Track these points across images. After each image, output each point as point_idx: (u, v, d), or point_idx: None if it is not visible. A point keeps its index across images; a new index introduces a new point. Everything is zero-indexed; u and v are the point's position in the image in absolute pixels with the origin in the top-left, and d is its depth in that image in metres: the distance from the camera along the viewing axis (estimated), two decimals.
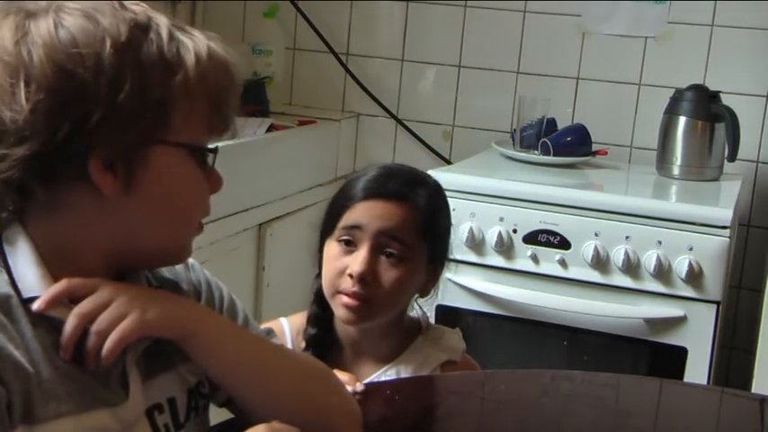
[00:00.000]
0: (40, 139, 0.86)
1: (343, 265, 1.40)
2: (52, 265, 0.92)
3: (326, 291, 1.42)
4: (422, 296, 1.49)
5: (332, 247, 1.42)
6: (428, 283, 1.47)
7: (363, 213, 1.40)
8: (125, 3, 0.93)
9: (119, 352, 0.91)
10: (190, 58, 0.91)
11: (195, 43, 0.93)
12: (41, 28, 0.88)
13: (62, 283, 0.90)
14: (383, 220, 1.39)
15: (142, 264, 0.99)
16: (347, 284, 1.38)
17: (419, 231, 1.41)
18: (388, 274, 1.39)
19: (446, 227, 1.49)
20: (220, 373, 1.00)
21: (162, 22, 0.93)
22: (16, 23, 0.89)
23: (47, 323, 0.89)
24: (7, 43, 0.88)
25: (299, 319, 1.49)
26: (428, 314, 1.56)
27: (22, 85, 0.86)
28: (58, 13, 0.89)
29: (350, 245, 1.40)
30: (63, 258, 0.92)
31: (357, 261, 1.38)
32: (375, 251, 1.39)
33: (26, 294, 0.89)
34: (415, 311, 1.52)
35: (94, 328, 0.90)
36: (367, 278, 1.38)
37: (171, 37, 0.92)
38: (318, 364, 1.11)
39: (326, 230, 1.45)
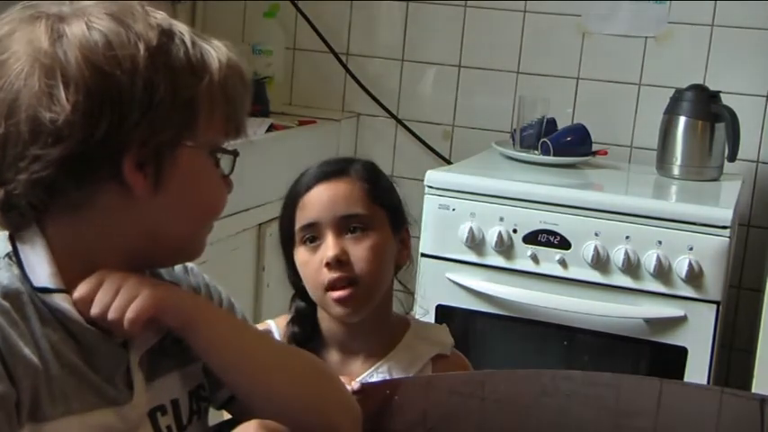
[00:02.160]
0: (77, 140, 0.88)
1: (316, 262, 1.39)
2: (66, 265, 0.92)
3: (314, 295, 1.41)
4: (399, 266, 1.48)
5: (300, 253, 1.42)
6: (402, 253, 1.47)
7: (313, 207, 1.41)
8: (149, 9, 0.95)
9: (141, 327, 0.92)
10: (213, 64, 0.95)
11: (216, 50, 0.96)
12: (75, 30, 0.90)
13: (84, 288, 0.92)
14: (333, 204, 1.40)
15: (157, 261, 1.00)
16: (327, 275, 1.38)
17: (370, 198, 1.42)
18: (359, 247, 1.39)
19: (393, 188, 1.50)
20: (221, 365, 1.00)
21: (183, 29, 0.96)
22: (49, 26, 0.90)
23: (55, 320, 0.90)
24: (43, 45, 0.89)
25: (286, 320, 1.49)
26: (428, 314, 1.56)
27: (60, 86, 0.87)
28: (88, 17, 0.91)
29: (314, 241, 1.41)
30: (78, 258, 0.93)
31: (327, 248, 1.38)
32: (339, 234, 1.39)
33: (36, 284, 0.90)
34: (410, 311, 1.52)
35: (109, 316, 0.91)
36: (342, 258, 1.37)
37: (194, 43, 0.95)
38: (318, 361, 1.12)
39: (287, 242, 1.44)
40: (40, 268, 0.91)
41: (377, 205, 1.42)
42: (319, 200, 1.41)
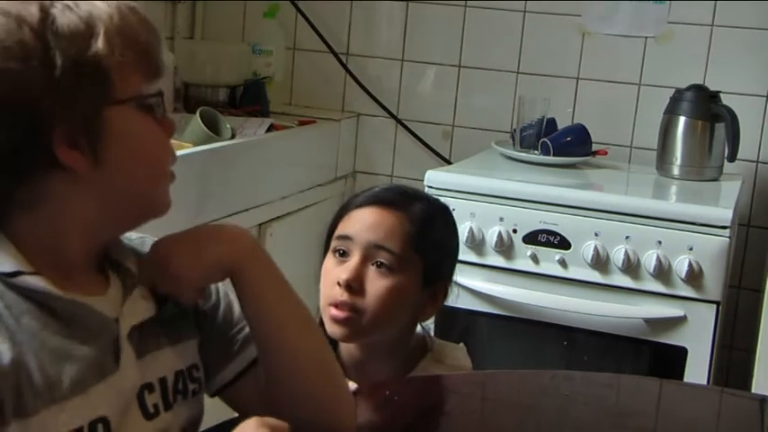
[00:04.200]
0: None
1: (335, 275, 1.39)
2: (32, 254, 0.92)
3: (321, 304, 1.41)
4: (420, 319, 1.47)
5: (327, 260, 1.43)
6: (426, 307, 1.45)
7: (355, 223, 1.40)
8: None
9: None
10: (104, 17, 0.92)
11: (103, 2, 0.93)
12: None
13: None
14: (373, 230, 1.39)
15: (126, 225, 1.00)
16: (336, 293, 1.37)
17: (410, 242, 1.39)
18: (376, 283, 1.37)
19: (445, 243, 1.47)
20: (256, 315, 1.04)
21: None
22: None
23: (33, 305, 0.89)
24: None
25: None
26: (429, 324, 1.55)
27: None
28: None
29: (344, 255, 1.40)
30: (45, 245, 0.93)
31: (345, 269, 1.38)
32: (365, 261, 1.38)
33: (6, 270, 0.89)
34: (420, 329, 1.50)
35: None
36: (353, 285, 1.36)
37: (77, 4, 0.92)
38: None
39: (326, 245, 1.45)
40: (7, 259, 0.90)
41: (414, 252, 1.40)
42: (362, 219, 1.40)
